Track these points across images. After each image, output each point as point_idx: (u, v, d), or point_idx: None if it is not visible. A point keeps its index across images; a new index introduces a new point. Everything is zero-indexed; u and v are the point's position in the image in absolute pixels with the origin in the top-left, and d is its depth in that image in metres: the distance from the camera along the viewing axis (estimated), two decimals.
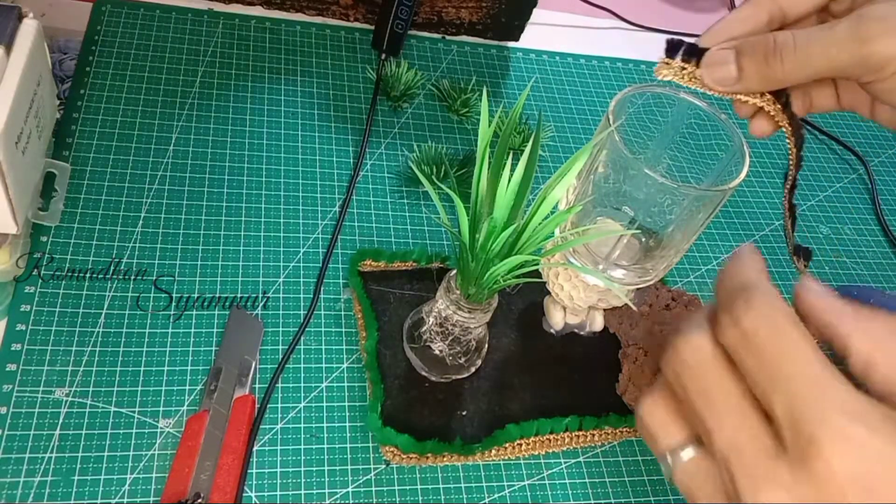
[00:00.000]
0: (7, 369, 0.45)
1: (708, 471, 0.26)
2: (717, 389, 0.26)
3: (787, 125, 0.36)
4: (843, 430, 0.23)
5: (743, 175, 0.40)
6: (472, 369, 0.50)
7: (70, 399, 0.45)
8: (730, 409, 0.25)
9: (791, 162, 0.36)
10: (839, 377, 0.24)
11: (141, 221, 0.53)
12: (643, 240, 0.46)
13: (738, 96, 0.36)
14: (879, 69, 0.33)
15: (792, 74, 0.34)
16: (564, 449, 0.49)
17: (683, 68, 0.37)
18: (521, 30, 0.74)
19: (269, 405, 0.47)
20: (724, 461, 0.25)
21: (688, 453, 0.27)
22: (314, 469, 0.46)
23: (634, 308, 0.52)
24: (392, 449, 0.46)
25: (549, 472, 0.49)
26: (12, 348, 0.45)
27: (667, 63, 0.37)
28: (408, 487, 0.46)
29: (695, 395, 0.26)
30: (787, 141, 0.36)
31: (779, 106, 0.36)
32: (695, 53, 0.36)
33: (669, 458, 0.27)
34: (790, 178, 0.36)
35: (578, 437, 0.49)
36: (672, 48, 0.37)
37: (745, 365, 0.25)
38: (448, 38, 0.74)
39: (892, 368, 0.25)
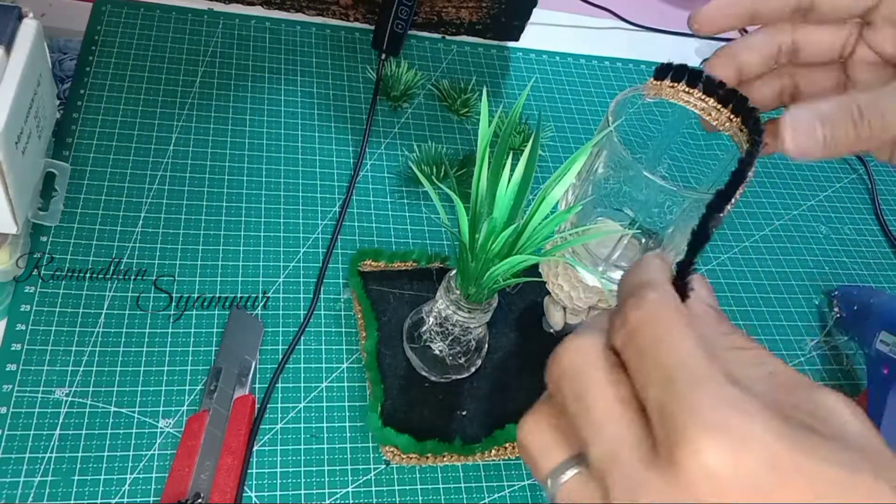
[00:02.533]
0: (7, 369, 0.45)
1: (590, 489, 0.23)
2: (597, 395, 0.23)
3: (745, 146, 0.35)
4: (714, 418, 0.19)
5: None
6: (472, 369, 0.50)
7: (70, 399, 0.45)
8: (609, 417, 0.22)
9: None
10: (722, 372, 0.21)
11: (141, 221, 0.53)
12: (643, 240, 0.46)
13: (708, 120, 0.36)
14: None
15: (876, 138, 0.33)
16: None
17: (672, 86, 0.37)
18: (521, 30, 0.74)
19: (269, 405, 0.47)
20: (601, 475, 0.22)
21: (569, 473, 0.24)
22: (314, 469, 0.46)
23: None
24: (392, 449, 0.46)
25: None
26: (12, 348, 0.46)
27: (655, 84, 0.38)
28: (408, 487, 0.46)
29: (572, 401, 0.23)
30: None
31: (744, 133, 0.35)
32: (683, 75, 0.37)
33: (549, 482, 0.24)
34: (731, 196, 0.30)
35: None
36: (661, 71, 0.38)
37: (629, 364, 0.23)
38: (448, 38, 0.74)
39: None
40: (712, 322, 0.25)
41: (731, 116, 0.36)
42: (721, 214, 0.28)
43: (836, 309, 0.61)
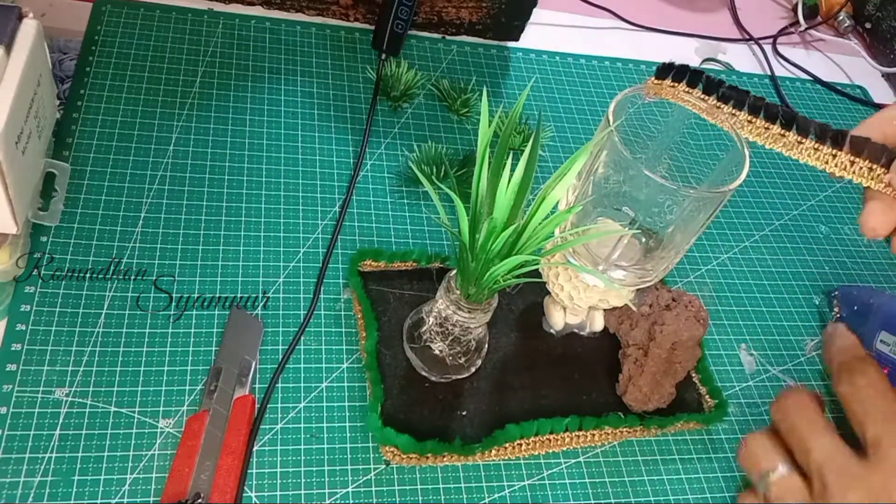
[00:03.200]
0: (7, 369, 0.45)
1: (797, 483, 0.39)
2: (817, 421, 0.41)
3: None
4: None
5: (743, 176, 0.40)
6: (472, 369, 0.50)
7: (70, 399, 0.45)
8: (825, 433, 0.40)
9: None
10: None
11: (141, 221, 0.53)
12: (643, 240, 0.46)
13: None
14: None
15: None
16: (564, 449, 0.49)
17: (673, 86, 0.37)
18: (521, 30, 0.74)
19: (269, 405, 0.47)
20: (819, 468, 0.37)
21: (782, 471, 0.40)
22: (314, 469, 0.46)
23: (634, 308, 0.52)
24: (392, 449, 0.46)
25: (549, 472, 0.49)
26: (12, 348, 0.46)
27: (656, 83, 0.38)
28: (408, 487, 0.46)
29: (801, 422, 0.41)
30: None
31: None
32: (684, 75, 0.37)
33: (769, 475, 0.41)
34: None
35: (578, 437, 0.49)
36: (663, 70, 0.37)
37: (852, 409, 0.42)
38: (448, 38, 0.74)
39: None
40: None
41: (734, 112, 0.36)
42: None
43: (835, 309, 0.61)
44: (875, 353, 0.54)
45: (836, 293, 0.62)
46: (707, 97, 0.37)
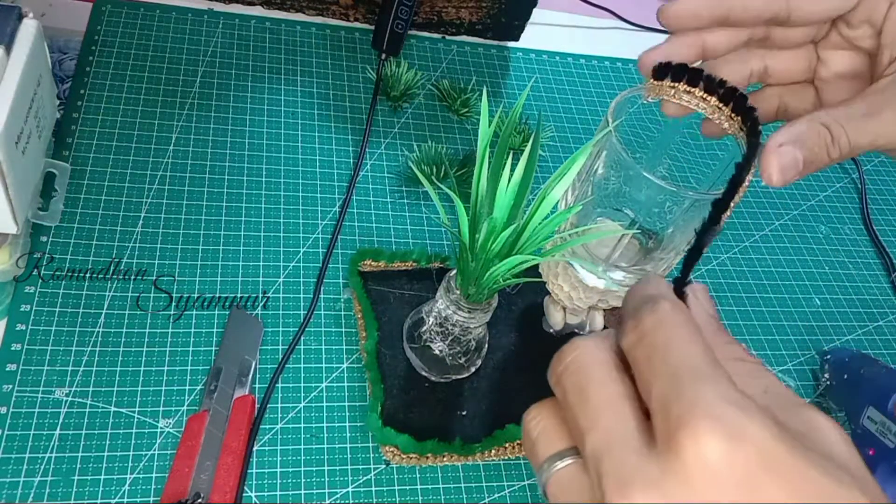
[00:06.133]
0: (7, 369, 0.45)
1: (580, 482, 0.23)
2: (597, 387, 0.24)
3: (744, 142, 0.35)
4: (714, 410, 0.20)
5: None
6: (472, 369, 0.50)
7: (70, 399, 0.45)
8: (606, 408, 0.23)
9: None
10: (725, 375, 0.22)
11: (141, 221, 0.53)
12: (643, 241, 0.46)
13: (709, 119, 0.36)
14: None
15: (848, 155, 0.36)
16: None
17: (672, 86, 0.37)
18: (521, 30, 0.74)
19: (269, 405, 0.47)
20: (595, 463, 0.22)
21: (564, 462, 0.24)
22: (314, 469, 0.46)
23: None
24: (392, 449, 0.46)
25: None
26: (12, 348, 0.46)
27: (656, 84, 0.38)
28: (408, 487, 0.46)
29: (573, 393, 0.24)
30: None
31: (742, 131, 0.35)
32: (683, 75, 0.37)
33: (545, 468, 0.24)
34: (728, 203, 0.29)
35: None
36: (660, 70, 0.37)
37: (637, 363, 0.24)
38: (448, 38, 0.74)
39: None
40: (713, 331, 0.26)
41: (732, 115, 0.36)
42: (718, 227, 0.27)
43: (826, 375, 0.58)
44: (861, 430, 0.51)
45: (828, 357, 0.59)
46: (708, 97, 0.36)
